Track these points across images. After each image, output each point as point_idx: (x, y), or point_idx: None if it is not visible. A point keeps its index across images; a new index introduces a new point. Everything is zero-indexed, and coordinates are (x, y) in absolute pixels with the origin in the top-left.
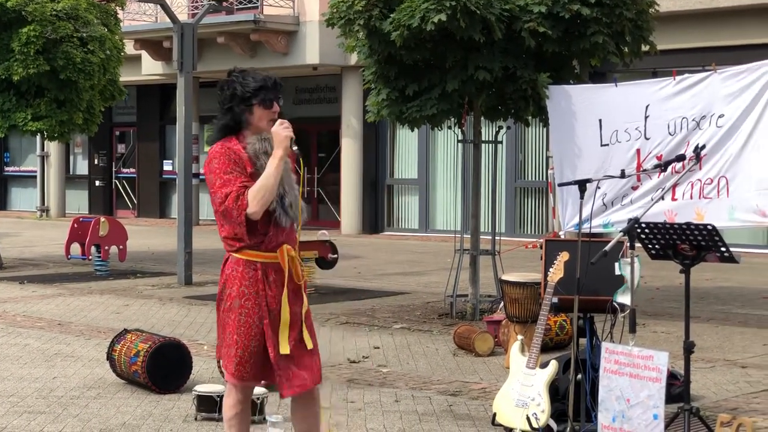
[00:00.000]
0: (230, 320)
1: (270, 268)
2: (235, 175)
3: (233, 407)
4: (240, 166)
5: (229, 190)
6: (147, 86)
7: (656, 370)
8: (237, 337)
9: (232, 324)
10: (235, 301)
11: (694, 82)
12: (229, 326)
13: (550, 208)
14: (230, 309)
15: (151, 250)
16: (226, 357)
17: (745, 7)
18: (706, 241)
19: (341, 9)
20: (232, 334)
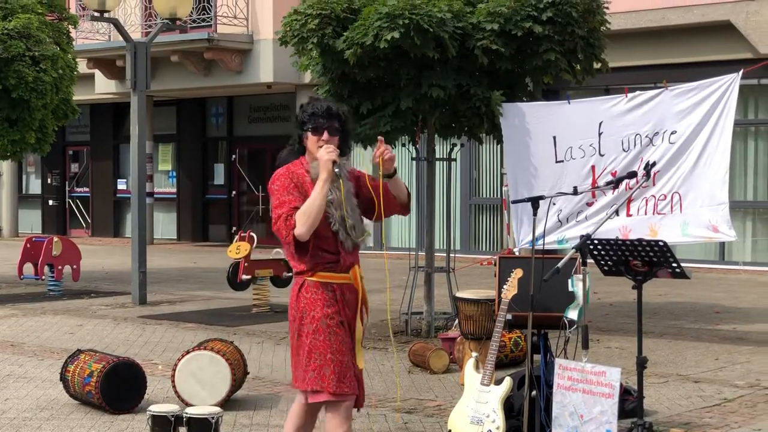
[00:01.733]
0: (319, 341)
1: (345, 288)
2: (291, 198)
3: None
4: (300, 189)
5: (282, 211)
6: (100, 105)
7: (609, 386)
8: (331, 355)
9: (323, 344)
10: (321, 322)
11: (645, 99)
12: (319, 347)
13: (505, 225)
14: (317, 330)
15: (105, 269)
16: (319, 378)
17: (695, 25)
18: (657, 257)
19: (294, 27)
20: (325, 354)
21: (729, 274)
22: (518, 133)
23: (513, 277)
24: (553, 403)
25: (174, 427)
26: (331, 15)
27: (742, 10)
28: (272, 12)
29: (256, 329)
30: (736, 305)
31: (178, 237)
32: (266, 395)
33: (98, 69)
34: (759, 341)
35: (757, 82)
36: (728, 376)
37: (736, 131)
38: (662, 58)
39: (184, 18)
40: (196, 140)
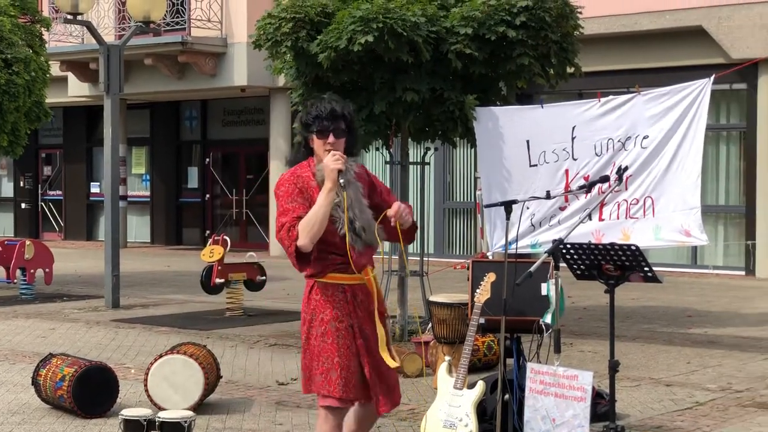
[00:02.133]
0: (327, 344)
1: (357, 289)
2: (295, 206)
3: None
4: (305, 195)
5: (285, 220)
6: (73, 108)
7: (581, 390)
8: (339, 359)
9: (330, 347)
10: (330, 324)
11: (618, 104)
12: (327, 350)
13: (478, 229)
14: (326, 333)
15: (78, 273)
16: (326, 382)
17: (668, 30)
18: (630, 261)
19: (268, 31)
20: (332, 357)
21: (701, 278)
22: (492, 137)
23: (486, 281)
24: (525, 407)
25: (146, 431)
26: (305, 18)
27: (715, 16)
28: (246, 15)
29: (230, 333)
30: (708, 309)
31: (152, 240)
32: (239, 399)
33: (71, 72)
34: (730, 345)
35: (728, 87)
36: (700, 379)
37: (708, 136)
38: (635, 63)
39: (157, 21)
40: (170, 143)
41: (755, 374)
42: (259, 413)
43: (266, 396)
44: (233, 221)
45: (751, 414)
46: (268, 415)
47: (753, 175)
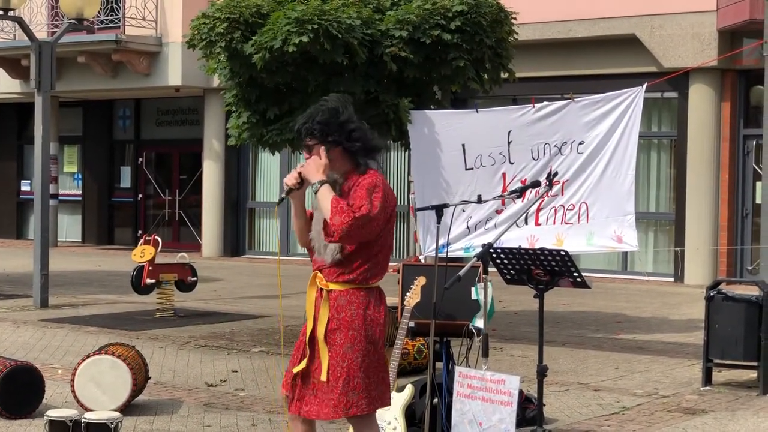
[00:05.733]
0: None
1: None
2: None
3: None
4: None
5: None
6: (4, 105)
7: (508, 394)
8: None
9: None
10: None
11: (553, 110)
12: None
13: (412, 232)
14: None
15: (7, 271)
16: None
17: (601, 38)
18: (559, 267)
19: (203, 31)
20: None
21: (631, 284)
22: (426, 141)
23: (416, 284)
24: (452, 411)
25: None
26: (239, 19)
27: (647, 25)
28: (182, 15)
29: (160, 333)
30: (637, 315)
31: (83, 240)
32: (167, 400)
33: (2, 68)
34: (658, 350)
35: (660, 96)
36: (627, 384)
37: (640, 143)
38: (568, 70)
39: (91, 18)
40: (103, 142)
41: (681, 380)
42: (188, 414)
43: (195, 397)
44: (166, 221)
45: (677, 419)
46: (197, 417)
47: (683, 183)
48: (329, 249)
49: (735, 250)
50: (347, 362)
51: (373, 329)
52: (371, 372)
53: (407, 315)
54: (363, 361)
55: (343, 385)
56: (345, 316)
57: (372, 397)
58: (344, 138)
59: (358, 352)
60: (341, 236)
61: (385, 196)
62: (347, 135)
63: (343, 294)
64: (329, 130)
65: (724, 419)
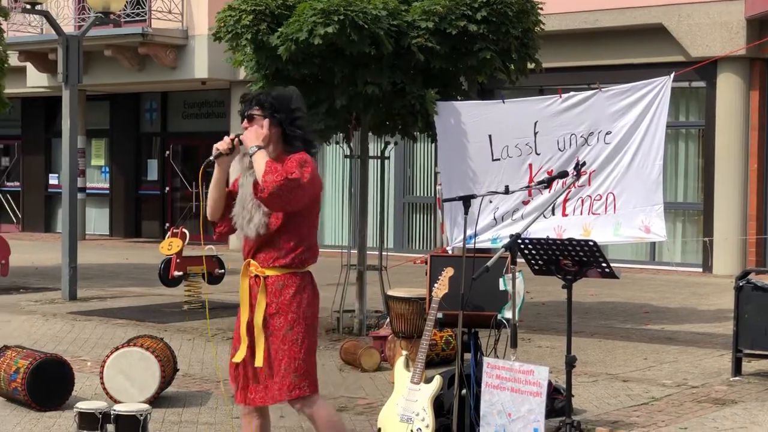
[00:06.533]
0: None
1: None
2: None
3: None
4: None
5: None
6: (32, 98)
7: (537, 385)
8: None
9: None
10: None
11: (579, 100)
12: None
13: (439, 223)
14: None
15: (35, 265)
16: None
17: (628, 27)
18: (587, 257)
19: (228, 23)
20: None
21: (659, 275)
22: (453, 132)
23: (444, 275)
24: (481, 402)
25: (101, 424)
26: (265, 11)
27: (675, 14)
28: (207, 7)
29: (188, 326)
30: (665, 305)
31: (111, 233)
32: (196, 392)
33: (30, 62)
34: (687, 341)
35: (688, 85)
36: (656, 375)
37: (667, 134)
38: (595, 60)
39: (117, 12)
40: (130, 135)
41: (711, 370)
42: (216, 406)
43: (223, 389)
44: (193, 214)
45: (706, 410)
46: (225, 409)
47: (711, 173)
48: (252, 223)
49: (764, 239)
50: (287, 345)
51: (311, 311)
52: (310, 354)
53: (435, 306)
54: (303, 342)
55: (285, 367)
56: (284, 299)
57: (313, 379)
58: (288, 121)
59: (298, 334)
60: (270, 193)
61: (314, 174)
62: (291, 120)
63: (280, 278)
64: (279, 107)
65: (754, 409)
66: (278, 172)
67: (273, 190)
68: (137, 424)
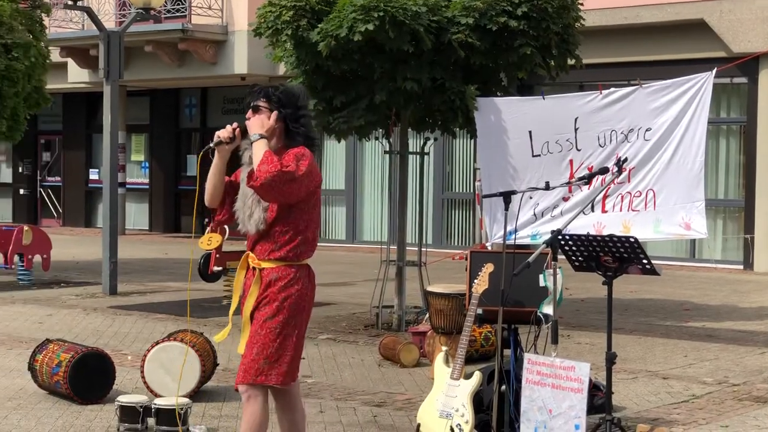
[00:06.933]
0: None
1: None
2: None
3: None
4: None
5: None
6: (73, 94)
7: (578, 381)
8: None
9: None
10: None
11: (620, 96)
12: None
13: (477, 219)
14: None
15: (76, 259)
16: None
17: (669, 23)
18: (628, 254)
19: (269, 19)
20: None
21: (699, 272)
22: (493, 128)
23: (484, 271)
24: (522, 398)
25: (142, 417)
26: (305, 7)
27: (716, 9)
28: (247, 3)
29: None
30: (706, 303)
31: (150, 228)
32: None
33: (71, 58)
34: (727, 338)
35: (729, 81)
36: (697, 372)
37: (708, 130)
38: (636, 56)
39: (158, 8)
40: (170, 131)
41: (752, 368)
42: None
43: None
44: None
45: (747, 408)
46: None
47: (752, 170)
48: (253, 219)
49: None
50: (264, 331)
51: (300, 304)
52: (287, 345)
53: (475, 302)
54: (280, 332)
55: (256, 351)
56: (273, 289)
57: (282, 371)
58: (293, 118)
59: (278, 323)
60: (263, 183)
61: (311, 167)
62: (296, 117)
63: (274, 270)
64: (286, 103)
65: None
66: (273, 163)
67: (265, 180)
68: (177, 417)
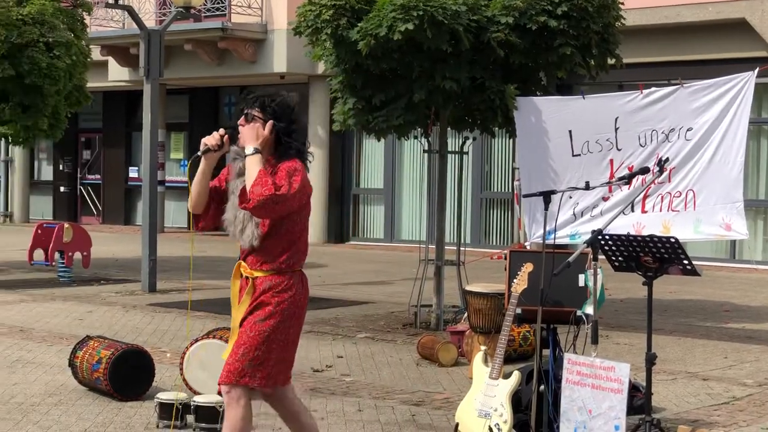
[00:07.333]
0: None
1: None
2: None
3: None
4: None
5: None
6: (113, 92)
7: (618, 382)
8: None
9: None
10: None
11: (661, 96)
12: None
13: (516, 219)
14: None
15: (116, 256)
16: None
17: (710, 22)
18: (668, 254)
19: (309, 18)
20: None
21: (739, 273)
22: (533, 127)
23: (523, 271)
24: (561, 398)
25: (181, 414)
26: (345, 6)
27: (758, 9)
28: (286, 2)
29: None
30: (746, 304)
31: (189, 226)
32: None
33: (112, 56)
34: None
35: None
36: (737, 374)
37: (749, 130)
38: (676, 55)
39: (198, 7)
40: (209, 129)
41: None
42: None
43: (301, 382)
44: None
45: None
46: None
47: None
48: (246, 235)
49: None
50: (253, 333)
51: (292, 310)
52: (275, 349)
53: (514, 301)
54: (269, 336)
55: (242, 352)
56: (266, 295)
57: (268, 374)
58: (286, 131)
59: (268, 326)
60: (255, 206)
61: (303, 182)
62: (289, 131)
63: (267, 279)
64: (281, 115)
65: None
66: (267, 186)
67: (258, 203)
68: (217, 415)
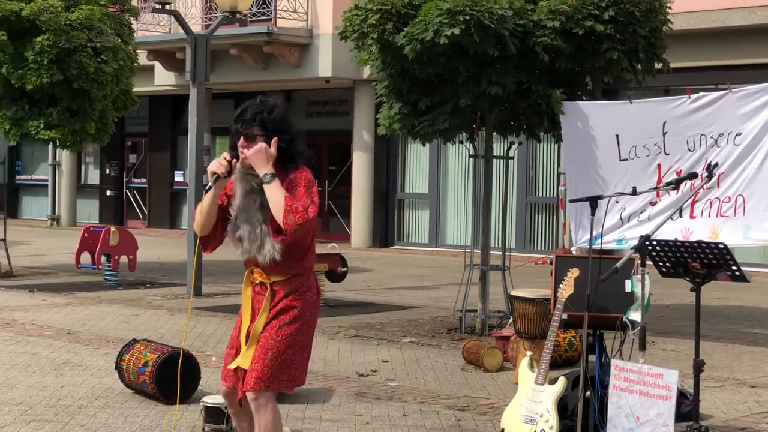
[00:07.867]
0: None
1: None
2: None
3: None
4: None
5: None
6: (159, 97)
7: (666, 388)
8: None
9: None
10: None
11: (709, 101)
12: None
13: (561, 224)
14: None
15: (161, 260)
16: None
17: (758, 26)
18: (717, 260)
19: (355, 22)
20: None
21: None
22: (579, 132)
23: (569, 276)
24: (608, 404)
25: (227, 418)
26: (391, 10)
27: None
28: (332, 7)
29: None
30: None
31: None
32: (319, 389)
33: (158, 61)
34: None
35: None
36: None
37: None
38: (724, 60)
39: (244, 11)
40: None
41: None
42: (339, 404)
43: (346, 387)
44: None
45: None
46: (348, 406)
47: None
48: (265, 250)
49: None
50: (280, 337)
51: (313, 311)
52: (298, 351)
53: (560, 307)
54: (295, 339)
55: (271, 357)
56: (289, 299)
57: (293, 377)
58: (289, 141)
59: (294, 329)
60: (293, 235)
61: (316, 190)
62: (291, 140)
63: (287, 282)
64: (281, 127)
65: None
66: (298, 212)
67: (294, 232)
68: None
